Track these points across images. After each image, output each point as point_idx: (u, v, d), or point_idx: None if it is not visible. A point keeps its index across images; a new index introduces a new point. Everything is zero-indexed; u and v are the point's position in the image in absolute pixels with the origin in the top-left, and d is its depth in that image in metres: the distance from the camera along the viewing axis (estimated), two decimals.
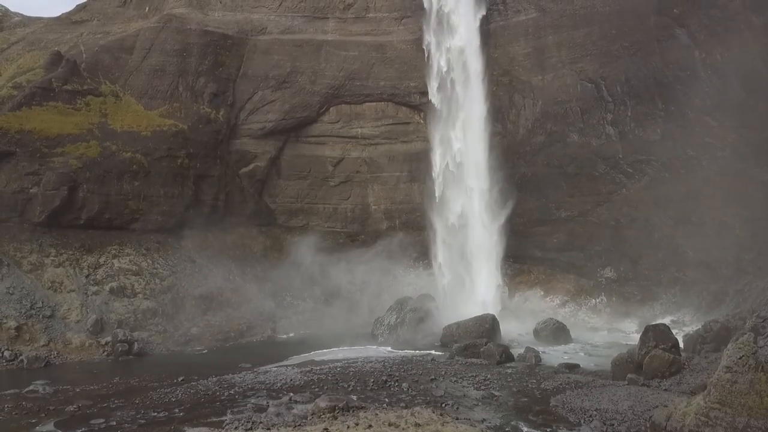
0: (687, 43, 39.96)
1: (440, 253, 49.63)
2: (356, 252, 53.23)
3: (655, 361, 24.92)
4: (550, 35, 48.92)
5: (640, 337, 26.92)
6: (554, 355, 33.72)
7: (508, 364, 30.84)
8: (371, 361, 31.30)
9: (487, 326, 36.09)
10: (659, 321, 41.99)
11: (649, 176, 44.19)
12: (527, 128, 50.89)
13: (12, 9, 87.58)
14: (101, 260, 41.08)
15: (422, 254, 53.49)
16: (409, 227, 55.58)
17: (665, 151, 42.60)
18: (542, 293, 50.19)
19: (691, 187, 41.45)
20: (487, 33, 51.72)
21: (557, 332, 37.41)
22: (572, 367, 29.07)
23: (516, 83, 51.21)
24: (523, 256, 51.49)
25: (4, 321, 34.05)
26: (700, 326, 38.02)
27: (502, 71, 51.82)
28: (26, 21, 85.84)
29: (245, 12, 54.20)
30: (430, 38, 52.46)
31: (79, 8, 57.94)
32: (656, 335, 26.54)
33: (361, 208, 56.47)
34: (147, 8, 56.07)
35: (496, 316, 37.89)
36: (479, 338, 34.52)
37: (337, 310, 47.20)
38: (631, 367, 25.77)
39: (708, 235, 40.78)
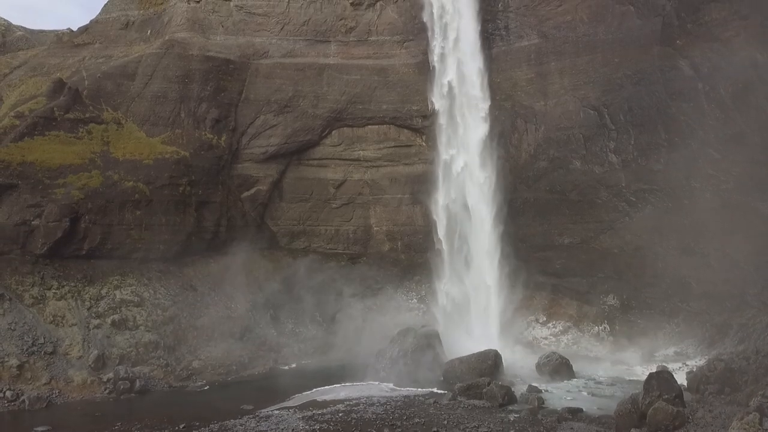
0: (690, 74, 39.78)
1: (443, 279, 49.58)
2: (358, 275, 53.26)
3: (658, 414, 24.74)
4: (552, 61, 48.80)
5: (644, 385, 26.70)
6: (557, 394, 33.58)
7: (510, 407, 30.70)
8: (373, 404, 31.16)
9: (490, 363, 35.99)
10: (662, 352, 42.38)
11: (653, 205, 44.00)
12: (530, 153, 50.77)
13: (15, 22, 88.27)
14: (103, 291, 41.04)
15: (425, 277, 53.49)
16: (411, 249, 55.57)
17: (669, 181, 42.40)
18: (545, 318, 50.16)
19: (695, 218, 41.22)
20: (490, 57, 51.60)
21: (560, 368, 37.25)
22: (575, 412, 28.90)
23: (518, 108, 51.08)
24: (526, 281, 51.20)
25: (6, 359, 34.00)
26: (704, 360, 38.12)
27: (504, 96, 51.71)
28: (29, 35, 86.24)
29: (247, 35, 54.13)
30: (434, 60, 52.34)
31: (81, 31, 57.87)
32: (660, 384, 26.35)
33: (363, 229, 56.41)
34: (149, 31, 56.00)
35: (499, 351, 37.70)
36: (482, 376, 34.39)
37: (339, 338, 47.17)
38: (634, 419, 25.59)
39: (712, 266, 40.64)
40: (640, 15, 43.58)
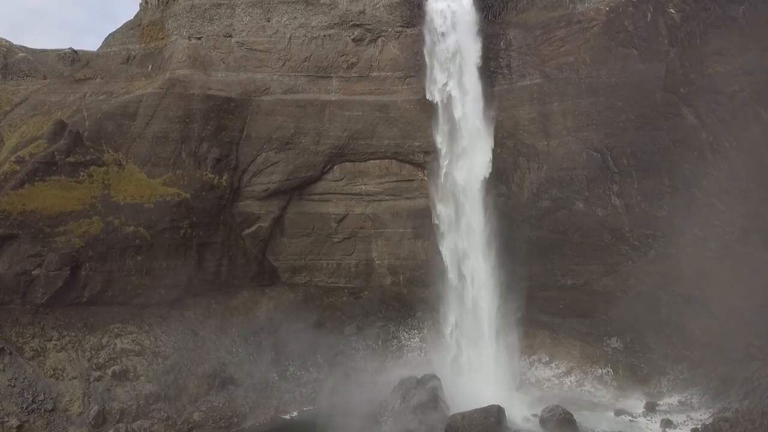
0: (694, 123, 39.57)
1: (447, 321, 49.30)
2: (360, 311, 53.05)
3: None
4: (555, 101, 48.62)
5: None
6: None
7: None
8: None
9: (492, 419, 35.75)
10: (666, 400, 42.08)
11: (656, 251, 43.83)
12: (532, 192, 50.59)
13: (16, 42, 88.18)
14: (104, 340, 40.84)
15: (427, 313, 53.15)
16: (413, 283, 55.38)
17: (672, 228, 42.26)
18: (547, 359, 49.76)
19: (698, 266, 41.04)
20: (492, 95, 51.36)
21: (563, 423, 37.00)
22: None
23: (520, 146, 50.92)
24: (528, 320, 50.91)
25: (6, 419, 33.85)
26: (709, 414, 37.95)
27: (506, 134, 51.53)
28: (31, 55, 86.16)
29: (248, 72, 53.92)
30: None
31: (82, 65, 57.77)
32: None
33: (365, 263, 56.24)
34: (150, 66, 55.80)
35: (502, 406, 37.41)
36: None
37: (340, 381, 46.74)
38: None
39: (716, 316, 40.45)
40: (643, 59, 43.35)
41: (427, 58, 52.03)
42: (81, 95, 53.71)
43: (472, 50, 50.97)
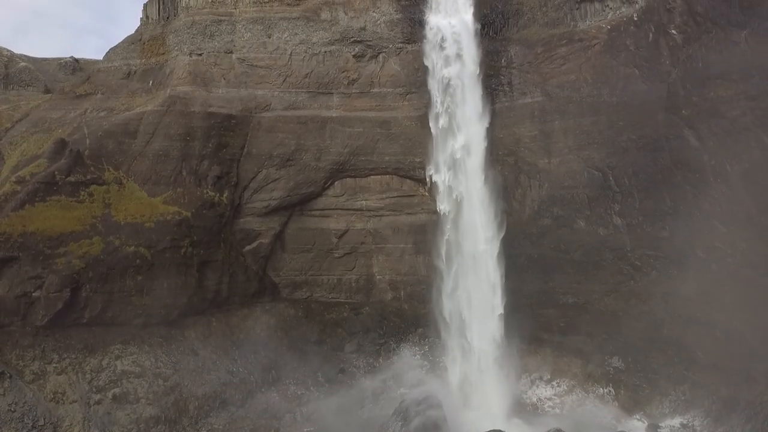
0: (696, 146, 39.45)
1: (447, 340, 49.27)
2: (361, 328, 52.98)
3: None
4: (556, 120, 48.48)
5: None
6: None
7: None
8: None
9: None
10: (668, 422, 41.94)
11: (658, 271, 43.65)
12: (533, 209, 50.45)
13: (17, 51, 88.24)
14: (104, 362, 40.79)
15: (428, 330, 53.07)
16: (414, 299, 55.28)
17: (674, 249, 42.07)
18: (548, 376, 49.63)
19: (700, 288, 40.85)
20: (493, 113, 51.28)
21: None
22: None
23: (521, 164, 50.79)
24: (530, 338, 50.87)
25: None
26: None
27: (507, 151, 51.43)
28: (32, 64, 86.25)
29: (249, 88, 53.88)
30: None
31: (83, 80, 57.77)
32: None
33: (366, 278, 56.17)
34: (151, 82, 55.82)
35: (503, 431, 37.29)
36: None
37: (341, 401, 46.71)
38: None
39: (718, 338, 40.23)
40: (645, 79, 43.24)
41: (428, 75, 52.07)
42: (82, 111, 53.74)
43: (472, 67, 50.99)
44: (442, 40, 52.18)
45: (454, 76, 50.98)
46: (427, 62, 52.10)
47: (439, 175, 51.89)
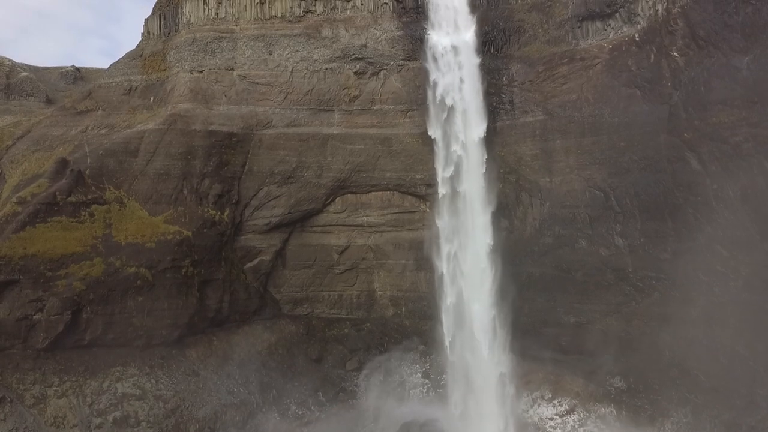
0: (698, 169, 39.31)
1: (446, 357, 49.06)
2: (362, 345, 52.87)
3: None
4: (557, 139, 48.41)
5: None
6: None
7: None
8: None
9: None
10: None
11: (660, 293, 43.52)
12: (535, 227, 50.38)
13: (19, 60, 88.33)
14: (104, 385, 40.70)
15: (429, 347, 52.92)
16: (415, 315, 55.23)
17: (676, 271, 41.95)
18: (550, 395, 49.39)
19: (703, 311, 40.75)
20: (494, 131, 51.20)
21: None
22: None
23: (523, 182, 50.72)
24: (531, 356, 50.73)
25: None
26: None
27: (508, 169, 51.35)
28: (33, 73, 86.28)
29: (250, 105, 53.85)
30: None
31: (84, 96, 57.73)
32: None
33: (367, 294, 56.16)
34: (152, 98, 55.80)
35: None
36: None
37: (342, 421, 46.61)
38: None
39: (720, 362, 40.10)
40: (647, 100, 43.11)
41: (428, 92, 52.00)
42: (83, 128, 53.77)
43: (473, 85, 50.87)
44: (443, 57, 52.09)
45: (455, 93, 50.84)
46: (428, 79, 51.99)
47: (440, 192, 51.73)
